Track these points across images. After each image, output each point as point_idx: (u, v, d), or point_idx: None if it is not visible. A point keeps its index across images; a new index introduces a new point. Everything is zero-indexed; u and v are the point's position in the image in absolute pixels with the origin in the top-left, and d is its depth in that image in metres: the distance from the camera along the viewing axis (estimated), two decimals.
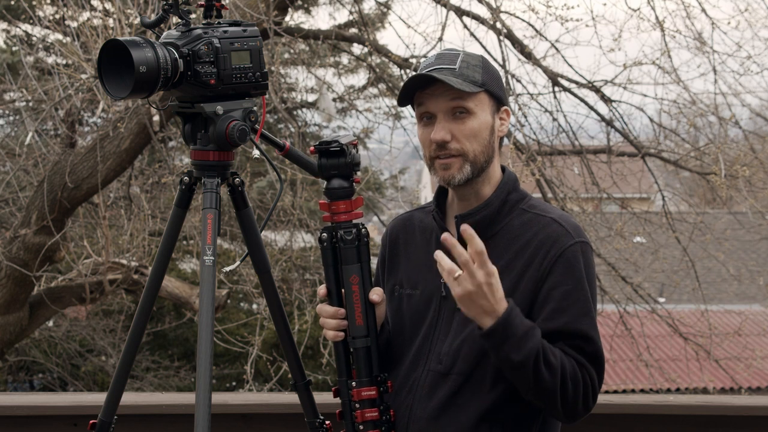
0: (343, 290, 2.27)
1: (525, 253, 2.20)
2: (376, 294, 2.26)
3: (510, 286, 2.18)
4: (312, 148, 2.29)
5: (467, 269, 2.03)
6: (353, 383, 2.25)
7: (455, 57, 2.23)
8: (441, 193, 2.35)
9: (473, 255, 2.03)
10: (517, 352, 2.07)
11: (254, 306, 11.54)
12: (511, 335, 2.07)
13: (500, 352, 2.09)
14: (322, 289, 2.30)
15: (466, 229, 2.03)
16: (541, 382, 2.10)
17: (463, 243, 2.25)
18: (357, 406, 2.25)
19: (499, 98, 2.25)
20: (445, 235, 2.04)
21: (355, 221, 2.26)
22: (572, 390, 2.13)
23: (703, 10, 7.29)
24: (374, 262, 2.54)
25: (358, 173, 2.30)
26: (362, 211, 2.32)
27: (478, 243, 2.03)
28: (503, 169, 2.33)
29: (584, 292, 2.18)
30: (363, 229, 2.26)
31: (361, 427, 2.25)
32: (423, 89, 2.23)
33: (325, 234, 2.28)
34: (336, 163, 2.25)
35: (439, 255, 2.07)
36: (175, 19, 2.30)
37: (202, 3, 2.36)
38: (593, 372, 2.18)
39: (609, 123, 7.68)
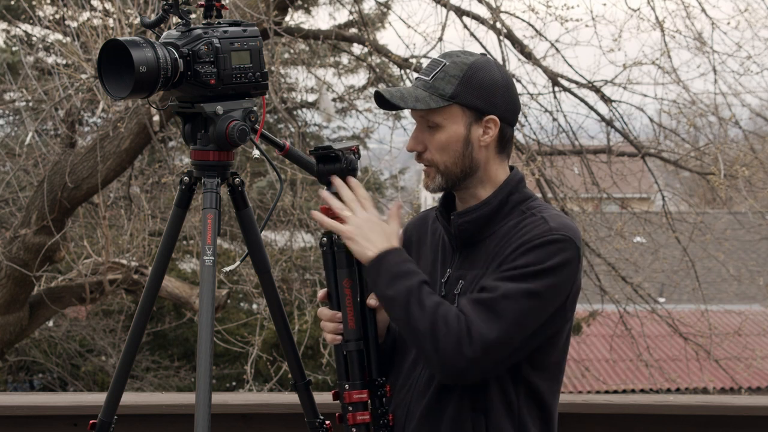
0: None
1: (509, 245, 2.19)
2: (374, 299, 2.27)
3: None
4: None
5: (352, 206, 2.22)
6: (347, 386, 2.27)
7: (437, 66, 2.24)
8: (449, 192, 2.36)
9: (360, 199, 2.23)
10: (390, 287, 2.15)
11: (254, 306, 11.54)
12: (386, 271, 2.16)
13: (375, 286, 2.18)
14: (321, 293, 2.32)
15: (323, 193, 2.25)
16: (411, 321, 2.12)
17: (462, 239, 2.26)
18: (350, 408, 2.26)
19: (478, 108, 2.22)
20: (326, 188, 2.26)
21: None
22: (444, 332, 2.08)
23: (703, 10, 7.30)
24: None
25: (356, 177, 2.30)
26: None
27: (362, 192, 2.24)
28: (512, 169, 2.32)
29: (534, 270, 2.11)
30: None
31: (353, 430, 2.26)
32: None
33: (325, 238, 2.29)
34: (332, 168, 2.27)
35: (325, 194, 2.25)
36: (175, 19, 2.30)
37: (202, 3, 2.36)
38: (474, 318, 2.08)
39: (609, 123, 7.68)
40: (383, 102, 2.26)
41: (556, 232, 2.15)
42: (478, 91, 2.21)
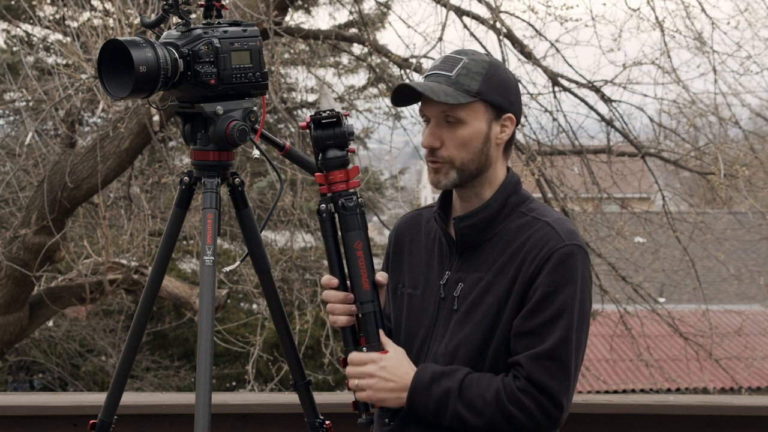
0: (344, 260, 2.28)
1: (518, 256, 2.20)
2: (382, 276, 2.31)
3: (505, 289, 2.19)
4: (303, 123, 2.28)
5: (355, 373, 2.22)
6: (364, 349, 2.25)
7: (457, 62, 2.22)
8: (446, 193, 2.35)
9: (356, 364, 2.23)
10: (441, 419, 2.17)
11: (254, 306, 11.54)
12: (425, 410, 2.17)
13: (428, 418, 2.19)
14: (326, 279, 2.31)
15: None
16: (483, 427, 2.15)
17: (464, 243, 2.26)
18: None
19: (499, 106, 2.23)
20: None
21: (352, 189, 2.27)
22: (521, 418, 2.13)
23: (703, 10, 7.30)
24: (377, 261, 2.55)
25: (353, 142, 2.30)
26: (359, 179, 2.32)
27: (350, 357, 2.24)
28: (508, 170, 2.33)
29: (565, 295, 2.15)
30: (359, 198, 2.28)
31: None
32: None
33: (323, 205, 2.28)
34: (332, 133, 2.26)
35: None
36: (175, 19, 2.31)
37: (202, 3, 2.36)
38: (548, 381, 2.12)
39: (609, 123, 7.68)
40: (400, 98, 2.25)
41: (568, 242, 2.18)
42: (499, 89, 2.23)
